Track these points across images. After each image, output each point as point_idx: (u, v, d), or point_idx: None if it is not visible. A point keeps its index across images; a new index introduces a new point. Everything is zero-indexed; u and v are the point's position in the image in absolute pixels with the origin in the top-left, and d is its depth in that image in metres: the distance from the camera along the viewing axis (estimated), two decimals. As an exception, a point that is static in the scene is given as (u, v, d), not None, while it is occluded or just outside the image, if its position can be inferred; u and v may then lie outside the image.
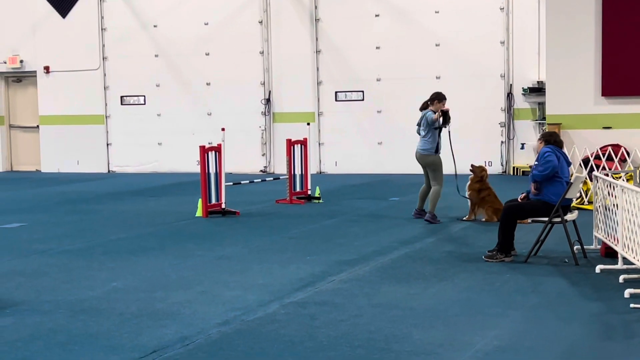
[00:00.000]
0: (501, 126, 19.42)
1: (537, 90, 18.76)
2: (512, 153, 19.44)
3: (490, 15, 19.29)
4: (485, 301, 7.39)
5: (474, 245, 10.12)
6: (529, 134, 19.19)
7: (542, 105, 18.57)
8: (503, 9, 19.19)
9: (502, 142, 19.44)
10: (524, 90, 19.05)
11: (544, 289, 7.85)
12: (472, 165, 12.51)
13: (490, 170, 19.21)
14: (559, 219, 9.03)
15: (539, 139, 9.50)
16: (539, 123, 18.76)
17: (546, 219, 9.08)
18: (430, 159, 12.09)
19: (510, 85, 19.29)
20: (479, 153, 19.41)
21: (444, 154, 12.19)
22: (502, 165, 19.46)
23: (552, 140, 9.35)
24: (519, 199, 9.38)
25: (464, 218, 12.18)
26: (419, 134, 12.21)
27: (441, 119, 11.92)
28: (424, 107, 12.28)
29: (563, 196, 8.97)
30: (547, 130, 10.27)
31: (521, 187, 10.75)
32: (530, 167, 9.43)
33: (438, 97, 12.12)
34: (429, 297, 7.56)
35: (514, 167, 19.34)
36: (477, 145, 19.41)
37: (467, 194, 12.27)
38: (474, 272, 8.60)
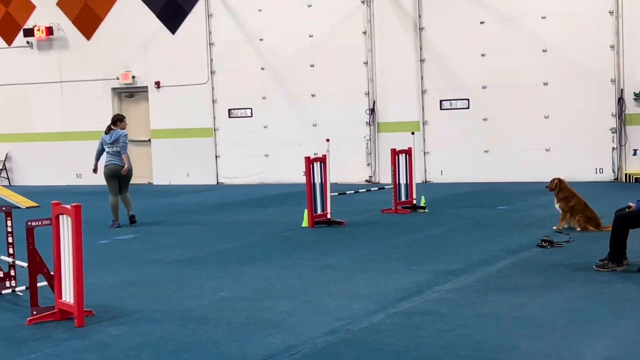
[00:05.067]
0: (612, 132, 18.93)
1: (650, 94, 18.24)
2: (625, 159, 18.93)
3: (599, 19, 18.85)
4: (596, 311, 7.22)
5: (583, 255, 9.88)
6: (641, 139, 18.64)
7: (655, 110, 18.06)
8: (612, 12, 18.72)
9: (613, 148, 18.95)
10: (635, 95, 18.54)
11: (657, 299, 7.62)
12: (546, 187, 12.43)
13: (601, 178, 18.93)
14: (673, 227, 8.75)
15: None
16: (652, 128, 18.23)
17: (659, 227, 8.81)
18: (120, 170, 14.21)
19: (621, 90, 18.79)
20: (588, 160, 19.02)
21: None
22: (613, 172, 18.96)
23: None
24: (626, 209, 9.11)
25: (554, 228, 11.90)
26: (105, 151, 14.41)
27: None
28: (109, 129, 14.59)
29: (677, 203, 8.68)
30: None
31: (635, 194, 10.44)
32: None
33: (123, 119, 14.95)
34: (537, 307, 7.43)
35: (626, 174, 18.81)
36: (586, 151, 19.01)
37: (556, 206, 12.07)
38: (584, 281, 8.41)
